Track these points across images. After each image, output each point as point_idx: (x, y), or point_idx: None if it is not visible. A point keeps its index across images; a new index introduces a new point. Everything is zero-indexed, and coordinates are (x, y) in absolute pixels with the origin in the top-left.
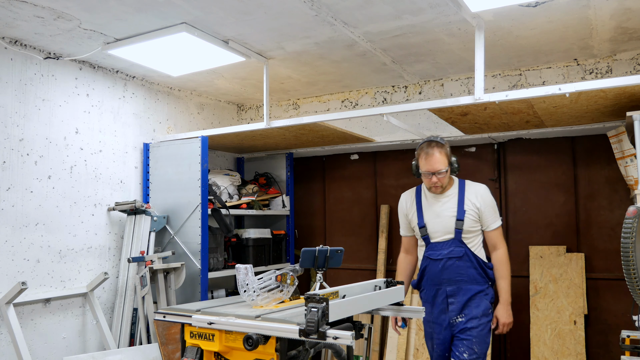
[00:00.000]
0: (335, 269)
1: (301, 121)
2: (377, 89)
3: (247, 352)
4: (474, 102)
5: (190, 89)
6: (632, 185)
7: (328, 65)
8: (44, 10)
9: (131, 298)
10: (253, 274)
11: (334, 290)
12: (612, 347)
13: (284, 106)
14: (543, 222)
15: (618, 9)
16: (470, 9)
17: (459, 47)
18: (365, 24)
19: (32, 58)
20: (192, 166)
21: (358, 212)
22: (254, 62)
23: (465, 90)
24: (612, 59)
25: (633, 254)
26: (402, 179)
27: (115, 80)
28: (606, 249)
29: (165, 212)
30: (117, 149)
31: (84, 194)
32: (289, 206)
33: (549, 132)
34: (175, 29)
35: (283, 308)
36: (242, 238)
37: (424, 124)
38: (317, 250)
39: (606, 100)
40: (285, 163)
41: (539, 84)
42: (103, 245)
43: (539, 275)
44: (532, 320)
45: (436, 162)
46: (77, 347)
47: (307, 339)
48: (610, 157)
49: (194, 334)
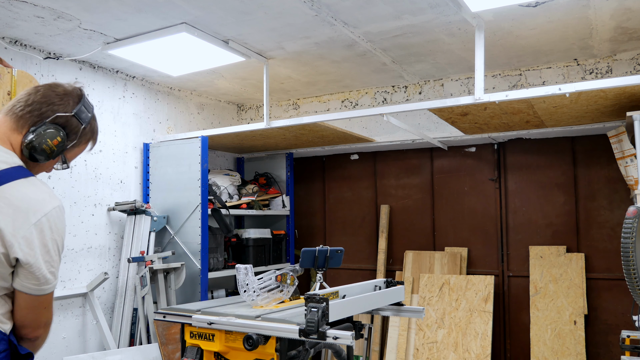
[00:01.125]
0: (335, 269)
1: (301, 121)
2: (377, 89)
3: (247, 352)
4: (474, 102)
5: (190, 89)
6: (632, 185)
7: (328, 65)
8: (44, 10)
9: (131, 298)
10: (253, 274)
11: (334, 290)
12: (612, 347)
13: (284, 106)
14: (543, 222)
15: (618, 9)
16: (470, 9)
17: (459, 47)
18: (365, 24)
19: (32, 58)
20: (192, 166)
21: (358, 212)
22: (254, 62)
23: (465, 90)
24: (612, 59)
25: (633, 254)
26: (402, 179)
27: (115, 80)
28: (606, 249)
29: (165, 212)
30: (117, 149)
31: (84, 194)
32: (289, 206)
33: (549, 132)
34: (175, 29)
35: (283, 308)
36: (242, 238)
37: (424, 124)
38: (317, 250)
39: (606, 100)
40: (285, 163)
41: (539, 84)
42: (103, 245)
43: (539, 275)
44: (532, 320)
45: None
46: (77, 347)
47: (307, 339)
48: (610, 157)
49: (194, 334)
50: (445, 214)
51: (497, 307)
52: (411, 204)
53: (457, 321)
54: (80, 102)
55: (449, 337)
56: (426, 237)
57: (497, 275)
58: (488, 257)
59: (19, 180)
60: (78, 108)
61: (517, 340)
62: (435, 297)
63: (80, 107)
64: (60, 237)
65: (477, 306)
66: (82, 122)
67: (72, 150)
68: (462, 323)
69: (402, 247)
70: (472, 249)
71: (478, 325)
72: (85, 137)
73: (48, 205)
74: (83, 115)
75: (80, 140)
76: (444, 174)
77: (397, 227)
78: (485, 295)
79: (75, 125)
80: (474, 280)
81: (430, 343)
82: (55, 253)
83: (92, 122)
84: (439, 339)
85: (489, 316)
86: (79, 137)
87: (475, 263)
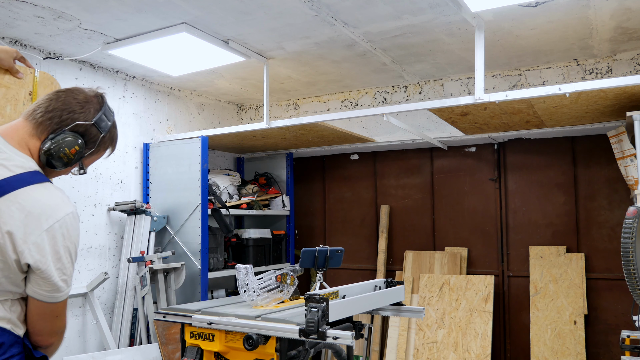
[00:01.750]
0: (335, 269)
1: (301, 121)
2: (377, 89)
3: (247, 352)
4: (474, 102)
5: (190, 89)
6: (632, 185)
7: (328, 65)
8: (44, 10)
9: (131, 298)
10: (253, 274)
11: (334, 290)
12: (612, 347)
13: (284, 106)
14: (543, 222)
15: (618, 9)
16: (470, 9)
17: (459, 47)
18: (365, 24)
19: (32, 58)
20: (192, 166)
21: (358, 212)
22: (254, 62)
23: (465, 90)
24: (612, 59)
25: (633, 254)
26: (402, 179)
27: (115, 80)
28: (606, 249)
29: (165, 212)
30: (117, 149)
31: (84, 194)
32: (289, 206)
33: (549, 132)
34: (175, 29)
35: (283, 308)
36: (242, 238)
37: (424, 124)
38: (317, 250)
39: (606, 100)
40: (285, 163)
41: (539, 84)
42: (103, 245)
43: (539, 275)
44: (532, 320)
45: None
46: (77, 347)
47: (307, 339)
48: (610, 157)
49: (194, 334)
50: (445, 214)
51: (497, 307)
52: (411, 204)
53: (457, 321)
54: (100, 110)
55: (449, 337)
56: (426, 237)
57: (497, 275)
58: (488, 257)
59: (34, 185)
60: (98, 117)
61: (517, 340)
62: (435, 297)
63: (100, 115)
64: (73, 244)
65: (477, 306)
66: (102, 130)
67: (89, 158)
68: (462, 323)
69: (402, 247)
70: (472, 249)
71: (478, 325)
72: (104, 145)
73: (61, 212)
74: (103, 124)
75: (98, 148)
76: (444, 174)
77: (397, 227)
78: (485, 295)
79: (95, 133)
80: (474, 280)
81: (430, 343)
82: (67, 260)
83: (111, 129)
84: (439, 339)
85: (489, 316)
86: (98, 145)
87: (475, 263)
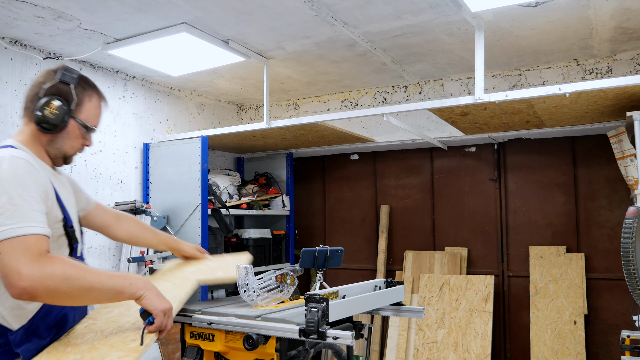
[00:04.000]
0: (335, 269)
1: (301, 121)
2: (377, 89)
3: (247, 352)
4: (474, 102)
5: (190, 89)
6: (632, 185)
7: (328, 65)
8: (44, 10)
9: None
10: (253, 274)
11: (334, 290)
12: (612, 347)
13: (284, 106)
14: (543, 222)
15: (618, 9)
16: (470, 9)
17: (459, 47)
18: (365, 24)
19: (32, 58)
20: (192, 166)
21: (358, 212)
22: (254, 62)
23: (465, 90)
24: (612, 59)
25: (633, 254)
26: (402, 179)
27: (115, 80)
28: (606, 249)
29: (165, 212)
30: (117, 149)
31: None
32: (289, 206)
33: (549, 132)
34: (175, 29)
35: (283, 308)
36: (242, 238)
37: (424, 124)
38: (317, 250)
39: (606, 100)
40: (285, 163)
41: (539, 84)
42: (103, 245)
43: (539, 275)
44: (532, 320)
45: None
46: None
47: (307, 339)
48: (610, 157)
49: (194, 334)
50: (445, 214)
51: (497, 307)
52: (411, 204)
53: (457, 321)
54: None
55: (449, 337)
56: (426, 237)
57: (497, 275)
58: (488, 257)
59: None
60: (60, 74)
61: (517, 340)
62: (435, 297)
63: (61, 72)
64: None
65: (477, 306)
66: (70, 81)
67: (81, 111)
68: (462, 323)
69: (402, 247)
70: (472, 249)
71: (478, 325)
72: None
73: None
74: (67, 77)
75: (80, 98)
76: (444, 174)
77: (397, 227)
78: (485, 295)
79: (65, 88)
80: (474, 280)
81: (430, 343)
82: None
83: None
84: (439, 339)
85: (489, 316)
86: (76, 95)
87: (475, 263)
